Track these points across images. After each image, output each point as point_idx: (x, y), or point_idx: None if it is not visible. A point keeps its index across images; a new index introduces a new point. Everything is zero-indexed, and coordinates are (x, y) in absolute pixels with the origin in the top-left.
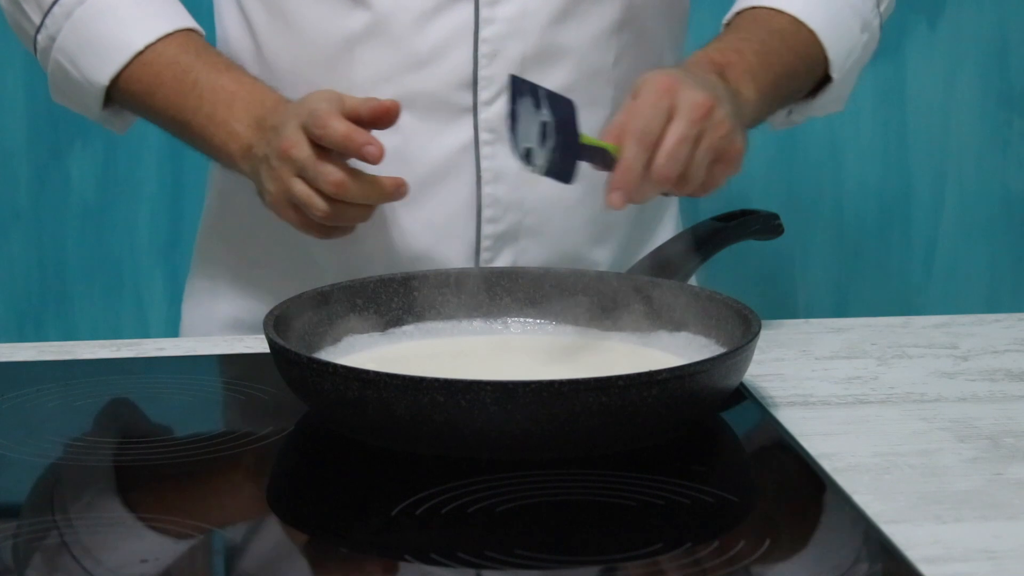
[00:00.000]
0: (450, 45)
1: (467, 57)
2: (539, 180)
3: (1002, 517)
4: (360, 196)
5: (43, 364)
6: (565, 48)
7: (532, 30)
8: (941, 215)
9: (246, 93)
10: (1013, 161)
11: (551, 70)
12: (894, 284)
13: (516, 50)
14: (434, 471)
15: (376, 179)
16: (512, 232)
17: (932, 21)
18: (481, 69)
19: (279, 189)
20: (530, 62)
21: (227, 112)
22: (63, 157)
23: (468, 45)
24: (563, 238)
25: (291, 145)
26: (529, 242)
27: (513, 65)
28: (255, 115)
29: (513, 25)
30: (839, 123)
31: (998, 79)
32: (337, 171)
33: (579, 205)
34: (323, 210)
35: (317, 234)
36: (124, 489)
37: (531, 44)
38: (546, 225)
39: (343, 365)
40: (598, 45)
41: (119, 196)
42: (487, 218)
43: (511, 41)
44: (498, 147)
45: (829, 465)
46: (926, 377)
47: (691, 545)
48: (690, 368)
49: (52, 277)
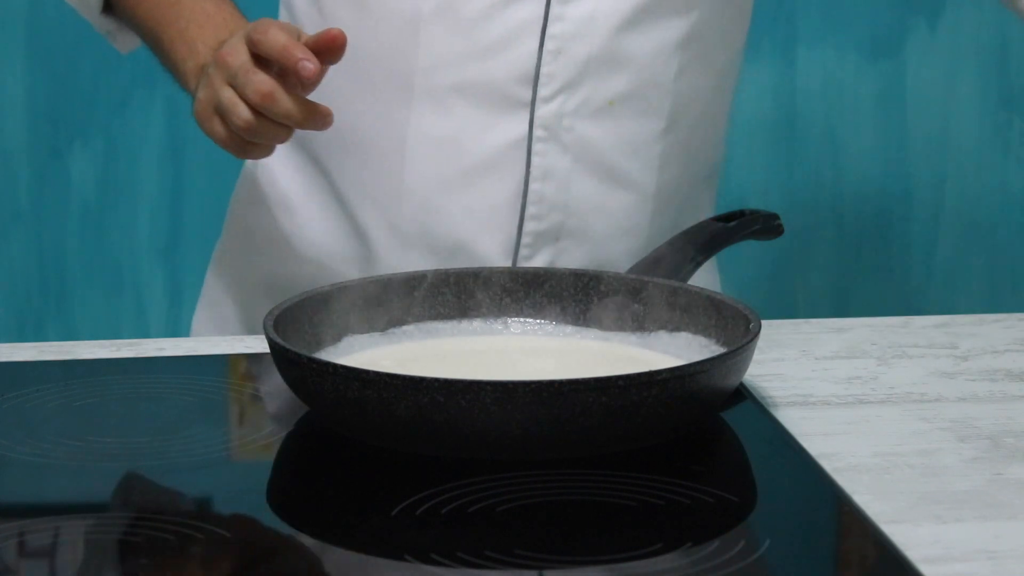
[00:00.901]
0: (517, 37)
1: (532, 52)
2: (587, 182)
3: (1002, 517)
4: (285, 112)
5: (43, 364)
6: (629, 55)
7: (599, 33)
8: (941, 215)
9: (221, 18)
10: (1013, 161)
11: (612, 75)
12: (894, 284)
13: (581, 51)
14: (434, 471)
15: (306, 100)
16: (553, 231)
17: (932, 21)
18: (544, 65)
19: (207, 96)
20: (594, 64)
21: (198, 31)
22: (63, 157)
23: (535, 40)
24: (603, 244)
25: (229, 52)
26: (569, 243)
27: (577, 65)
28: (222, 38)
29: (582, 25)
30: (839, 123)
31: (998, 79)
32: (268, 81)
33: (623, 213)
34: (245, 119)
35: (235, 150)
36: (124, 489)
37: (596, 46)
38: (588, 229)
39: (343, 365)
40: (662, 57)
41: (119, 196)
42: (530, 215)
43: (577, 41)
44: (551, 144)
45: (829, 465)
46: (926, 377)
47: (691, 545)
48: (690, 368)
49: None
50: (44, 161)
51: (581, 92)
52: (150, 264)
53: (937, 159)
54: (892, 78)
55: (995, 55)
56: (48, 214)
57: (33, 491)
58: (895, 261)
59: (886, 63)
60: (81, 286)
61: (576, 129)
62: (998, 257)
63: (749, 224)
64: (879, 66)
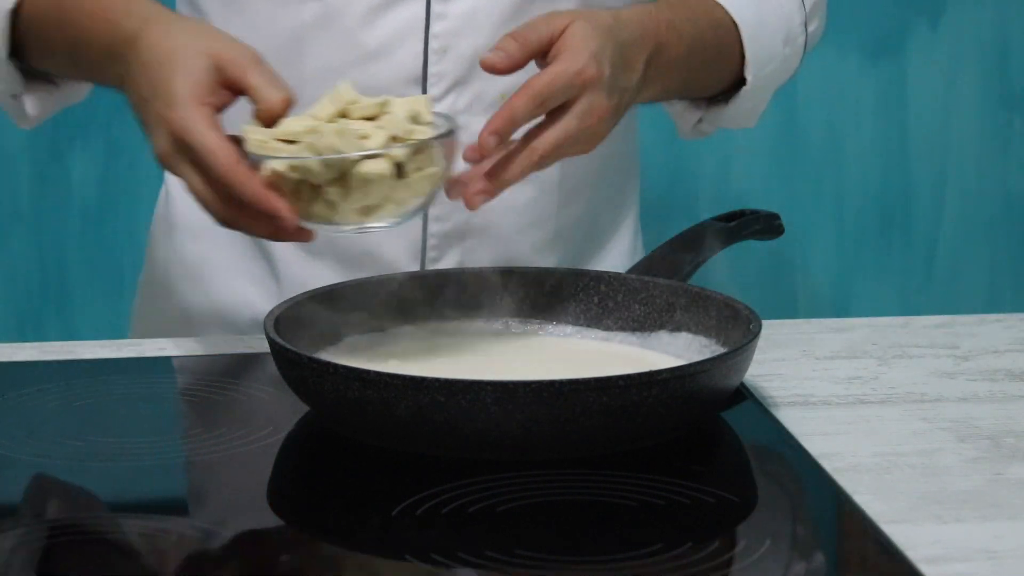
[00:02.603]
0: (400, 40)
1: (417, 52)
2: None
3: (1003, 517)
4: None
5: (43, 364)
6: None
7: (484, 27)
8: (941, 215)
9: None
10: (1013, 161)
11: None
12: (894, 284)
13: (467, 47)
14: (434, 471)
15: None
16: (458, 231)
17: (933, 21)
18: (431, 65)
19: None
20: None
21: None
22: (63, 157)
23: (419, 40)
24: (510, 240)
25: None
26: (475, 241)
27: (464, 61)
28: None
29: (465, 21)
30: (839, 123)
31: (998, 79)
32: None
33: (528, 207)
34: (223, 218)
35: None
36: (124, 489)
37: (483, 41)
38: (493, 226)
39: (343, 365)
40: None
41: (119, 196)
42: (434, 216)
43: (462, 38)
44: None
45: (829, 465)
46: (927, 377)
47: (691, 545)
48: (690, 368)
49: (52, 277)
50: (44, 161)
51: (471, 88)
52: None
53: (937, 159)
54: (892, 78)
55: (995, 55)
56: (48, 214)
57: (33, 491)
58: (895, 261)
59: (887, 63)
60: (81, 286)
61: (471, 126)
62: (998, 257)
63: (749, 224)
64: (880, 66)
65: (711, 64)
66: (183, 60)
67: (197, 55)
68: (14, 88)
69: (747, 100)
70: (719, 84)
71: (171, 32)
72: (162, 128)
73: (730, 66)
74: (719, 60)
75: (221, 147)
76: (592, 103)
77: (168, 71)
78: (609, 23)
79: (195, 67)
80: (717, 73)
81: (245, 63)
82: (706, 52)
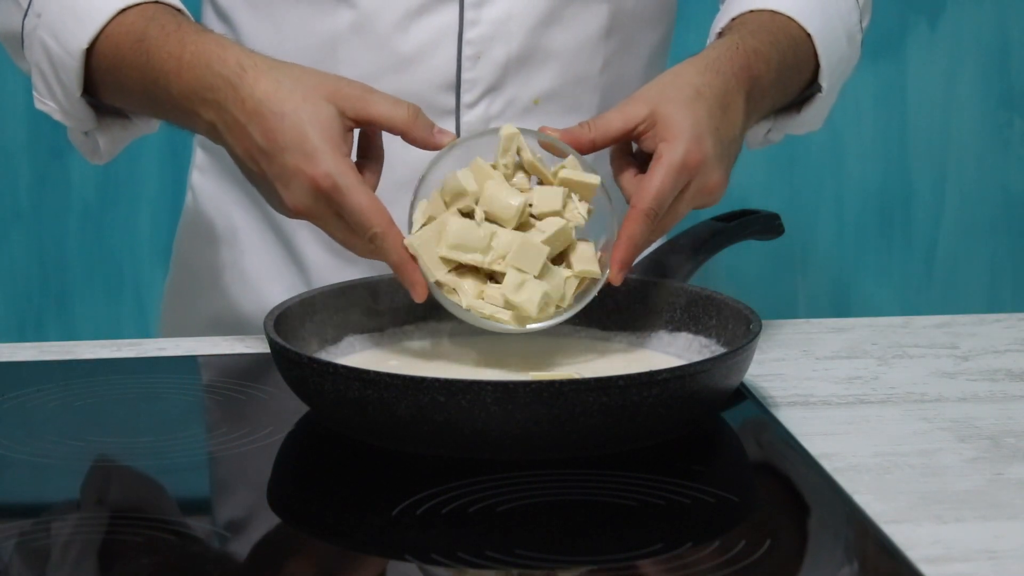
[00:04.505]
0: (434, 46)
1: (451, 59)
2: None
3: (1003, 517)
4: None
5: (43, 364)
6: (551, 52)
7: (517, 33)
8: (941, 215)
9: (191, 57)
10: (1013, 161)
11: (536, 74)
12: (894, 284)
13: (501, 53)
14: (434, 471)
15: None
16: None
17: (933, 21)
18: (464, 71)
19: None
20: (514, 65)
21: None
22: (63, 157)
23: (452, 46)
24: None
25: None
26: None
27: (497, 67)
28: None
29: (498, 27)
30: (839, 123)
31: (998, 79)
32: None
33: None
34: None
35: None
36: (124, 489)
37: (516, 47)
38: None
39: (343, 365)
40: (584, 51)
41: (119, 196)
42: None
43: (496, 43)
44: None
45: (829, 465)
46: (927, 377)
47: (691, 545)
48: (690, 368)
49: (52, 277)
50: (44, 161)
51: (505, 94)
52: (150, 264)
53: (937, 159)
54: (892, 78)
55: (995, 55)
56: (48, 214)
57: (33, 491)
58: (895, 261)
59: (886, 63)
60: (81, 286)
61: None
62: (998, 257)
63: (749, 224)
64: (879, 65)
65: (795, 81)
66: (310, 110)
67: (320, 102)
68: (87, 125)
69: (820, 105)
70: (795, 95)
71: (281, 80)
72: (301, 182)
73: (807, 76)
74: (800, 75)
75: (375, 209)
76: (704, 183)
77: (296, 122)
78: (696, 86)
79: (324, 116)
80: (797, 87)
81: (359, 93)
82: (791, 72)
